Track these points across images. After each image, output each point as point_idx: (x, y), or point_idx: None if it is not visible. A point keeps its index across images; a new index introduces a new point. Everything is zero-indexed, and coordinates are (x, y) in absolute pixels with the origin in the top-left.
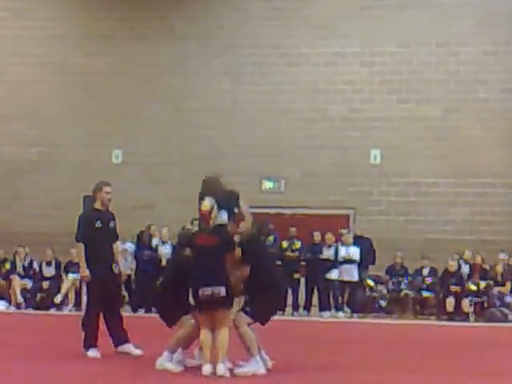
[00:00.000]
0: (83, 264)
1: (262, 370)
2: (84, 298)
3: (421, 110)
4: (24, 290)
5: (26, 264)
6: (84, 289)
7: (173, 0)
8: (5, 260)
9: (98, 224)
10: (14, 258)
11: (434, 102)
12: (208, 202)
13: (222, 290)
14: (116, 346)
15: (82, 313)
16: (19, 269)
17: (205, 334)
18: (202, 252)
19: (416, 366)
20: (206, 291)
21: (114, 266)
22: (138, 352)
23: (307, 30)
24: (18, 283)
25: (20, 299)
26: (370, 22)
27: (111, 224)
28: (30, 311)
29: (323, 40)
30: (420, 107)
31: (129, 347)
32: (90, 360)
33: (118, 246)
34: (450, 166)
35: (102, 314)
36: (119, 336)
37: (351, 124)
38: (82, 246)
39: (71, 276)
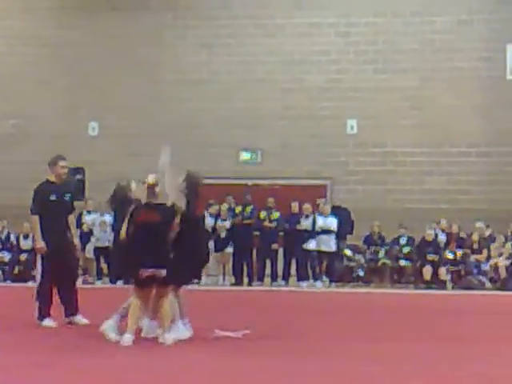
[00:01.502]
0: (38, 236)
1: (186, 334)
2: (38, 269)
3: (396, 79)
4: (2, 263)
5: (3, 237)
6: (39, 260)
7: None
8: None
9: (53, 197)
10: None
11: (410, 71)
12: (153, 176)
13: (163, 272)
14: (66, 316)
15: (36, 284)
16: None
17: (135, 305)
18: (142, 228)
19: (392, 334)
20: (146, 272)
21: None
22: (85, 321)
23: (283, 1)
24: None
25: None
26: None
27: (66, 197)
28: (8, 284)
29: (299, 10)
30: (396, 77)
31: (78, 318)
32: (44, 329)
33: (73, 217)
34: (426, 136)
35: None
36: (70, 307)
37: (328, 94)
38: (36, 218)
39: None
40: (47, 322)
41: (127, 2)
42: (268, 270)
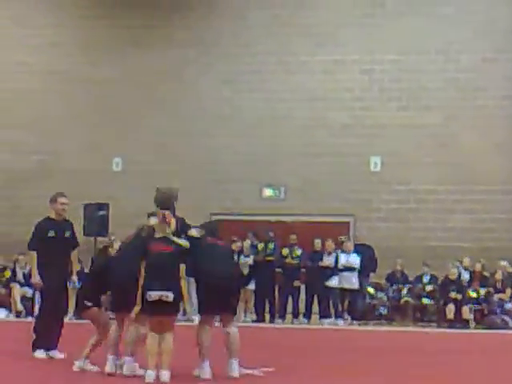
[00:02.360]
0: (35, 271)
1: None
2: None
3: (420, 117)
4: (24, 298)
5: (26, 272)
6: (37, 295)
7: (173, 8)
8: (5, 268)
9: (52, 233)
10: (14, 266)
11: (434, 109)
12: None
13: (170, 296)
14: (47, 349)
15: (34, 318)
16: (19, 277)
17: (151, 340)
18: (156, 258)
19: (416, 373)
20: (153, 295)
21: (68, 283)
22: (60, 356)
23: (306, 38)
24: (18, 291)
25: (20, 307)
26: (370, 30)
27: (67, 233)
28: (30, 319)
29: (322, 48)
30: (420, 114)
31: (53, 353)
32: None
33: (76, 254)
34: (449, 173)
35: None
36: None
37: (351, 131)
38: (34, 254)
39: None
40: (39, 354)
41: (152, 39)
42: (290, 308)
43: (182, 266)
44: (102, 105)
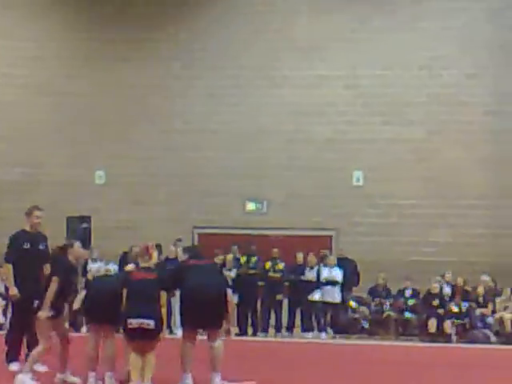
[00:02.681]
0: (11, 283)
1: None
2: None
3: (403, 132)
4: (5, 310)
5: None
6: (10, 306)
7: (157, 22)
8: None
9: (27, 245)
10: None
11: (417, 124)
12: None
13: (151, 323)
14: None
15: (6, 329)
16: (1, 289)
17: (134, 356)
18: (137, 286)
19: None
20: (133, 323)
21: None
22: (42, 369)
23: (290, 52)
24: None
25: (1, 319)
26: (353, 45)
27: (41, 246)
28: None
29: (306, 62)
30: (402, 129)
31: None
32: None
33: (48, 267)
34: (432, 188)
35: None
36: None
37: (334, 146)
38: (10, 266)
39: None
40: (13, 366)
41: (136, 53)
42: (273, 321)
43: (163, 294)
44: (85, 118)
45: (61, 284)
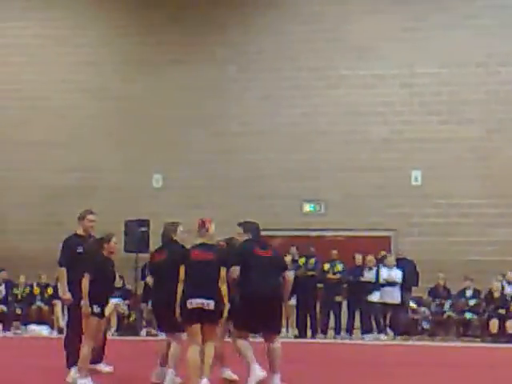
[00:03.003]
0: (64, 287)
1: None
2: (65, 320)
3: (461, 130)
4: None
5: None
6: (65, 311)
7: (212, 25)
8: (47, 285)
9: (80, 249)
10: (56, 282)
11: (475, 122)
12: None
13: (211, 304)
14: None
15: (64, 334)
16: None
17: (192, 351)
18: (196, 266)
19: None
20: (193, 303)
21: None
22: (107, 369)
23: (346, 52)
24: (60, 308)
25: (62, 324)
26: (409, 44)
27: None
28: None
29: (363, 62)
30: (461, 128)
31: (100, 366)
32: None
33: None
34: (491, 187)
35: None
36: (95, 355)
37: (392, 146)
38: (63, 270)
39: (113, 301)
40: (75, 370)
41: (190, 56)
42: (332, 323)
43: (223, 270)
44: (142, 122)
45: (94, 279)
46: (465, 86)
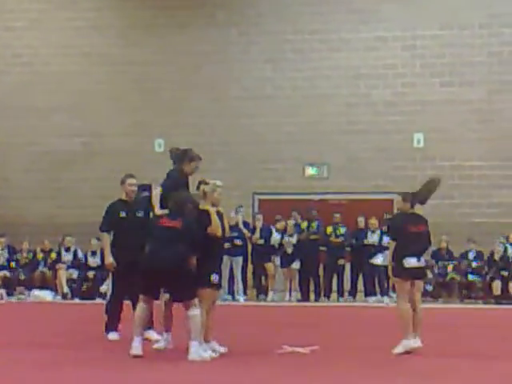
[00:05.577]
0: (107, 253)
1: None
2: (109, 285)
3: (464, 92)
4: (70, 280)
5: (71, 254)
6: (110, 276)
7: None
8: (50, 250)
9: (123, 214)
10: (60, 248)
11: (478, 84)
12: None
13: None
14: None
15: (106, 299)
16: (65, 259)
17: (408, 307)
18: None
19: (462, 350)
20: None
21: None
22: (157, 337)
23: (348, 15)
24: (63, 273)
25: (66, 289)
26: (411, 6)
27: (139, 213)
28: (76, 301)
29: (364, 25)
30: (463, 90)
31: (149, 333)
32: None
33: None
34: (494, 149)
35: (130, 301)
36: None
37: (394, 108)
38: (105, 235)
39: None
40: (112, 336)
41: (192, 19)
42: (335, 286)
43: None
44: (144, 86)
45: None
46: (467, 48)
